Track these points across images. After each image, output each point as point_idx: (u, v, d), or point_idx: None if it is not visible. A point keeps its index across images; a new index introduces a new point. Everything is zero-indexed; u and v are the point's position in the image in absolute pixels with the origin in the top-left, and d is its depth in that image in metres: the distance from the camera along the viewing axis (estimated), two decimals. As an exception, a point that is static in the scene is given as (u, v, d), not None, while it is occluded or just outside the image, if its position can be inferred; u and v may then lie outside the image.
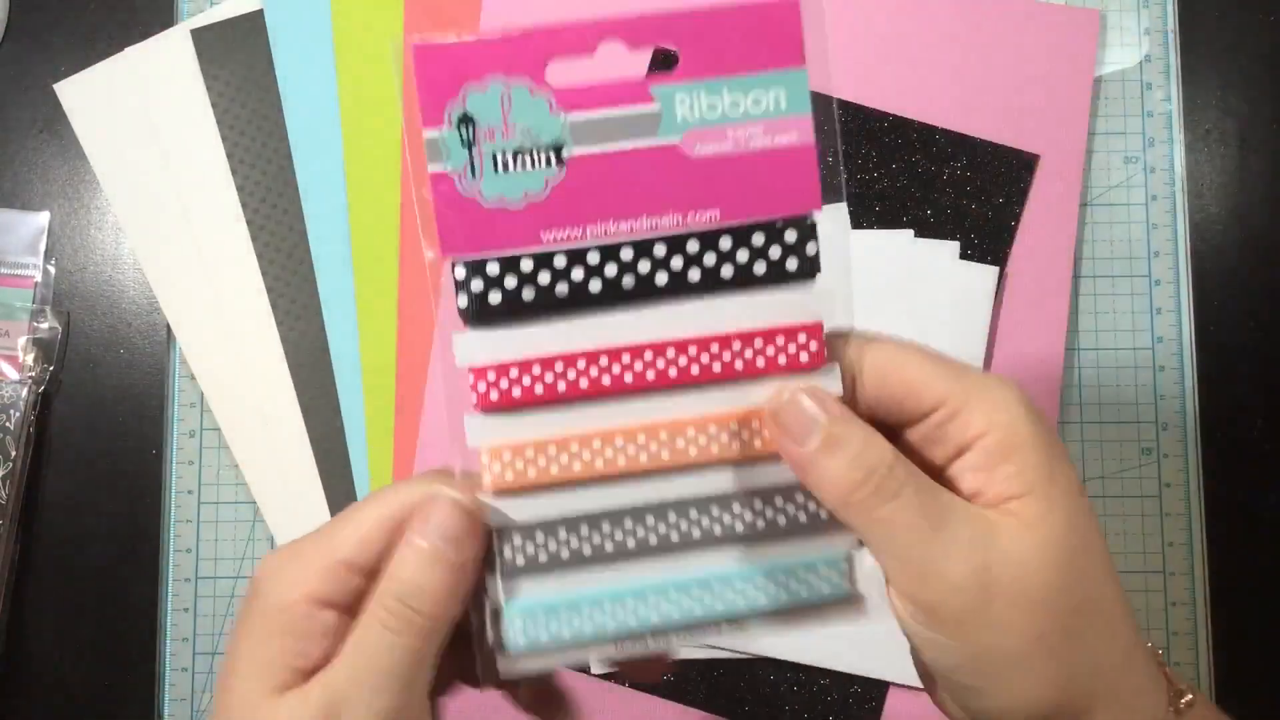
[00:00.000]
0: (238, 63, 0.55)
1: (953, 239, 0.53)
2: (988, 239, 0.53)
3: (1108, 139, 0.55)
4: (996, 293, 0.53)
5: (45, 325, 0.54)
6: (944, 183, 0.53)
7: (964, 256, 0.53)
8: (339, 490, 0.53)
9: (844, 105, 0.54)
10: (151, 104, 0.55)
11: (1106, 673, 0.29)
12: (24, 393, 0.52)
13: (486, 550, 0.29)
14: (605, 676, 0.51)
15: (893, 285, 0.53)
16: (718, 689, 0.51)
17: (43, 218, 0.55)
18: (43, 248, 0.55)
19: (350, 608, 0.29)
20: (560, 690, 0.35)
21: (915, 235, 0.53)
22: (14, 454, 0.52)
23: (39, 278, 0.54)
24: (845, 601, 0.31)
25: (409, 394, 0.53)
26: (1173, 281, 0.54)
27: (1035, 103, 0.54)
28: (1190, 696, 0.30)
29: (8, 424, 0.52)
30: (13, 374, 0.53)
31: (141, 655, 0.53)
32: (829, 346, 0.30)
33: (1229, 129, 0.55)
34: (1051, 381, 0.53)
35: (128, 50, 0.55)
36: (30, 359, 0.53)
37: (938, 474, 0.29)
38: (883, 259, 0.53)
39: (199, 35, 0.55)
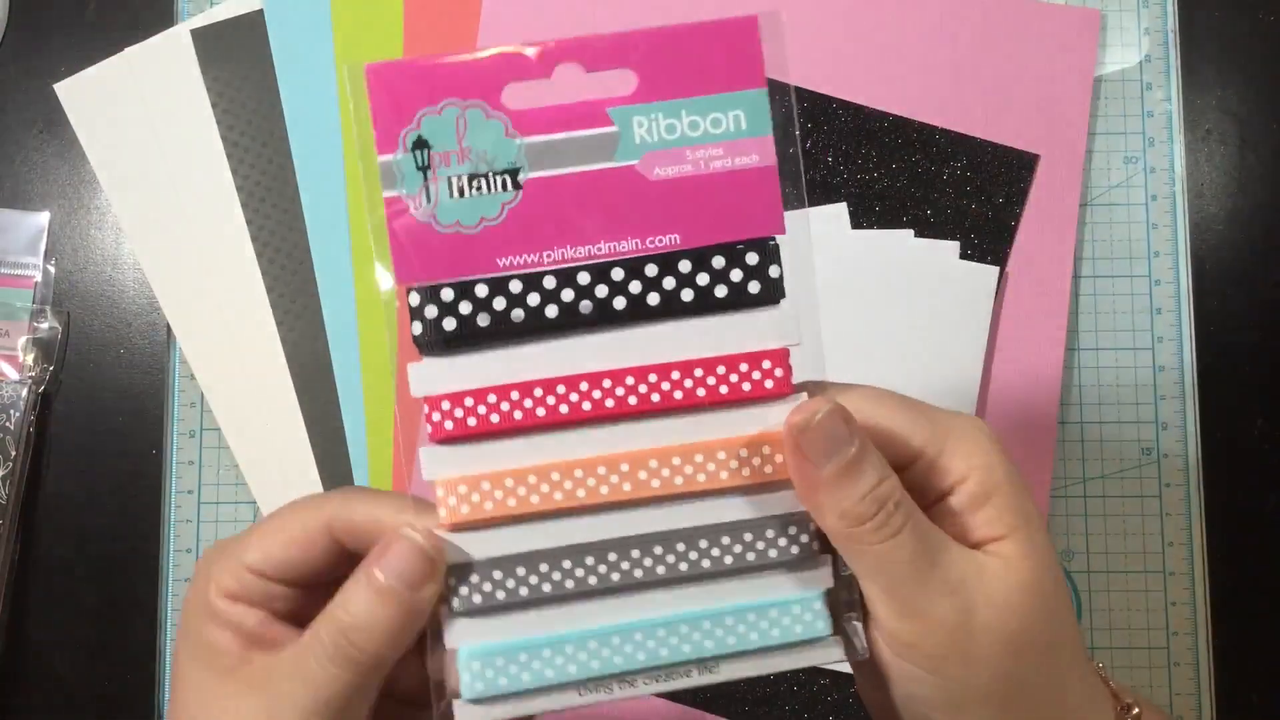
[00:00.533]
0: (238, 63, 0.55)
1: (953, 239, 0.53)
2: (988, 239, 0.53)
3: (1108, 139, 0.55)
4: (996, 293, 0.53)
5: (45, 325, 0.54)
6: (944, 183, 0.53)
7: (964, 256, 0.53)
8: (339, 490, 0.53)
9: (844, 105, 0.54)
10: (151, 104, 0.55)
11: (1070, 704, 0.29)
12: (24, 393, 0.52)
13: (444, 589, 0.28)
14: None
15: (893, 285, 0.53)
16: (718, 689, 0.51)
17: (43, 218, 0.55)
18: (43, 248, 0.55)
19: (266, 606, 0.30)
20: None
21: (915, 235, 0.53)
22: (14, 454, 0.52)
23: (39, 278, 0.54)
24: (819, 642, 0.30)
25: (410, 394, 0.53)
26: (1173, 281, 0.54)
27: (1035, 103, 0.54)
28: (1137, 710, 0.31)
29: (8, 424, 0.52)
30: (13, 374, 0.53)
31: (141, 655, 0.53)
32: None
33: (1229, 129, 0.55)
34: (1051, 381, 0.53)
35: (128, 50, 0.55)
36: (30, 359, 0.53)
37: None
38: (883, 259, 0.53)
39: (199, 35, 0.55)
